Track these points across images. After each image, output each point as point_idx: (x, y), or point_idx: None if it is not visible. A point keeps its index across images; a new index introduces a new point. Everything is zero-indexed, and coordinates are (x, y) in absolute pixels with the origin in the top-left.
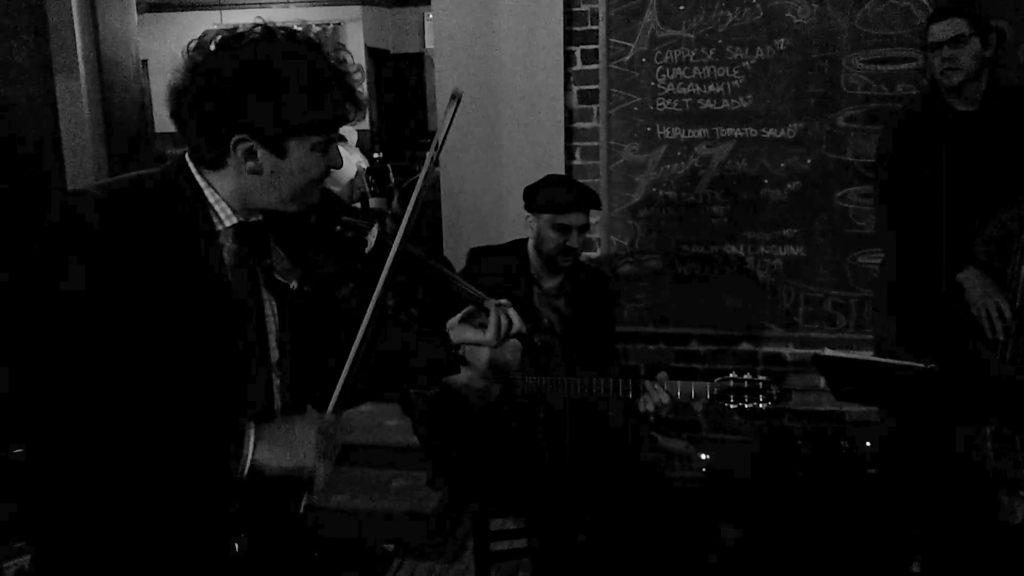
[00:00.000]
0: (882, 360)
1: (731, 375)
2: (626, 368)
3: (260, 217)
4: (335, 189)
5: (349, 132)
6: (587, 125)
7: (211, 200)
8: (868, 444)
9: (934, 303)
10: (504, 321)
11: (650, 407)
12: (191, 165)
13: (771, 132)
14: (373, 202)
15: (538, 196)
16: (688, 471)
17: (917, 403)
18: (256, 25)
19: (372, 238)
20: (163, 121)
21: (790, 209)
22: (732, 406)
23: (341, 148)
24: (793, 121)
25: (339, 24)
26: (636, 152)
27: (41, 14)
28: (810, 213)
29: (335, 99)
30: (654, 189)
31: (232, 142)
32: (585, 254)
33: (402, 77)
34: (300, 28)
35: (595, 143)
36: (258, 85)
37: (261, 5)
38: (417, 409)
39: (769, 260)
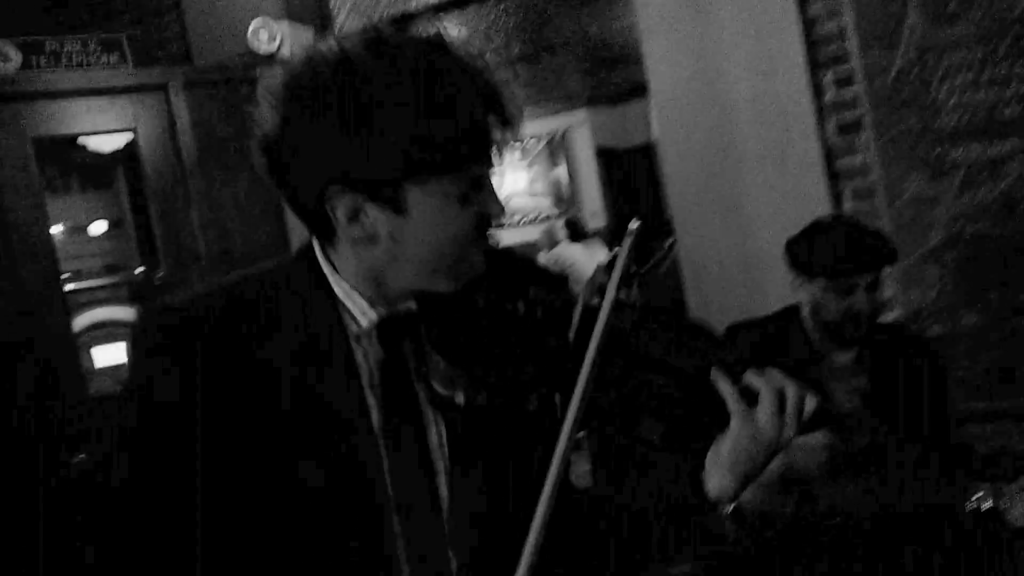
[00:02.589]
0: None
1: None
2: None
3: (412, 306)
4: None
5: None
6: (853, 161)
7: (339, 292)
8: None
9: None
10: (791, 402)
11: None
12: (316, 246)
13: None
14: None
15: (803, 252)
16: None
17: None
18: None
19: (578, 315)
20: None
21: None
22: None
23: (583, 246)
24: None
25: (566, 131)
26: (924, 183)
27: None
28: None
29: (468, 118)
30: (958, 225)
31: (325, 200)
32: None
33: (633, 171)
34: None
35: (867, 180)
36: (340, 109)
37: None
38: None
39: None
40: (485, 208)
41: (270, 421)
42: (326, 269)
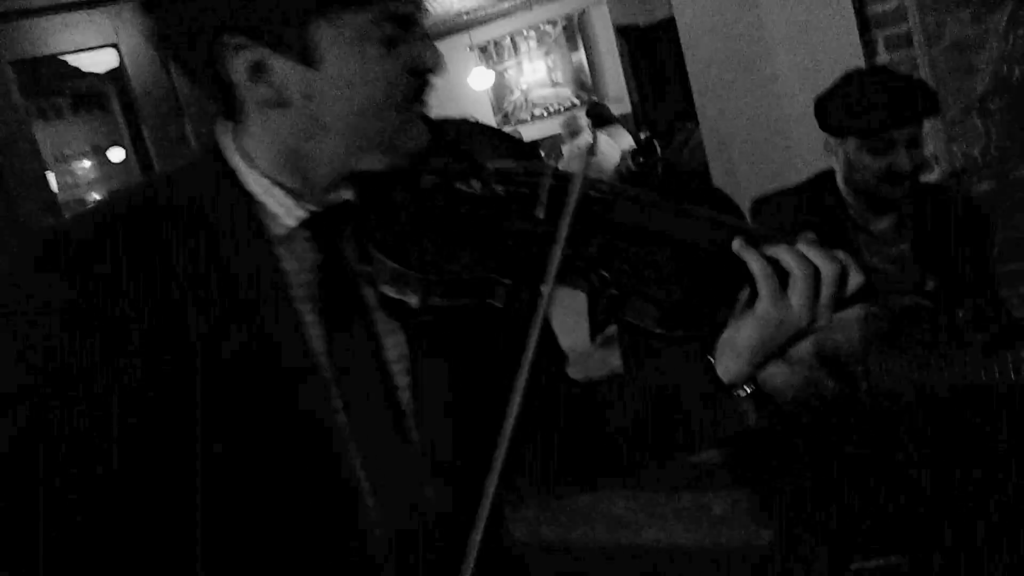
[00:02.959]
0: None
1: None
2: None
3: (348, 194)
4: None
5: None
6: (887, 5)
7: (256, 188)
8: None
9: None
10: (828, 282)
11: None
12: (223, 133)
13: None
14: None
15: (835, 109)
16: None
17: None
18: None
19: (545, 193)
20: None
21: None
22: None
23: (607, 132)
24: None
25: (583, 12)
26: (967, 23)
27: None
28: None
29: None
30: (1006, 68)
31: (220, 56)
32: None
33: (656, 48)
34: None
35: (903, 27)
36: None
37: (505, 15)
38: None
39: None
40: (417, 56)
41: (184, 356)
42: (237, 160)
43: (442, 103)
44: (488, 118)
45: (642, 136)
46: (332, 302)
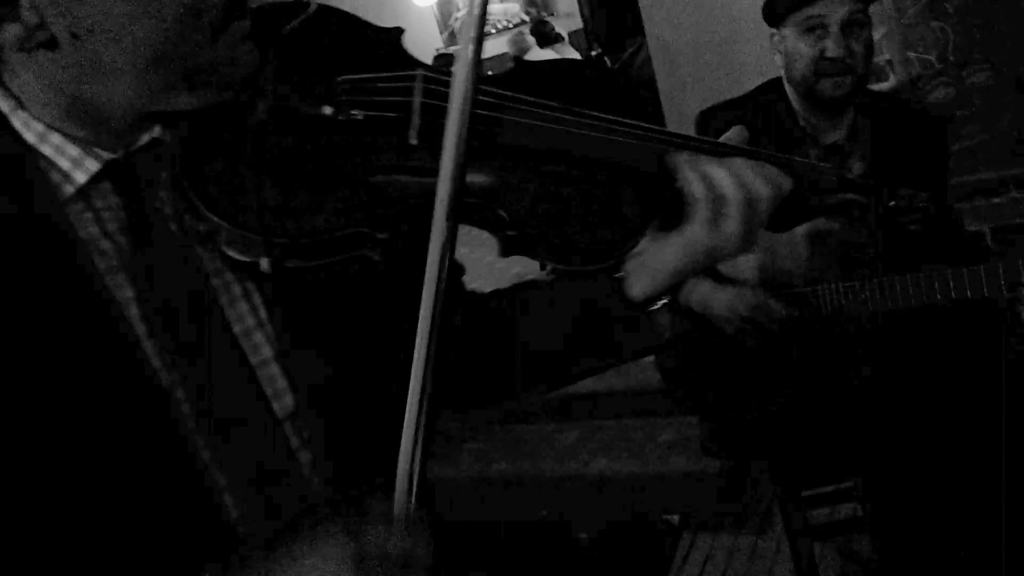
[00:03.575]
0: None
1: None
2: (972, 242)
3: (157, 133)
4: None
5: (562, 30)
6: None
7: (30, 136)
8: None
9: None
10: (733, 188)
11: None
12: None
13: None
14: None
15: None
16: None
17: None
18: None
19: (417, 105)
20: None
21: None
22: None
23: (554, 51)
24: None
25: None
26: None
27: None
28: None
29: None
30: None
31: None
32: (871, 87)
33: None
34: None
35: None
36: None
37: None
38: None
39: None
40: None
41: None
42: (3, 107)
43: (384, 18)
44: (434, 36)
45: (592, 53)
46: (153, 272)
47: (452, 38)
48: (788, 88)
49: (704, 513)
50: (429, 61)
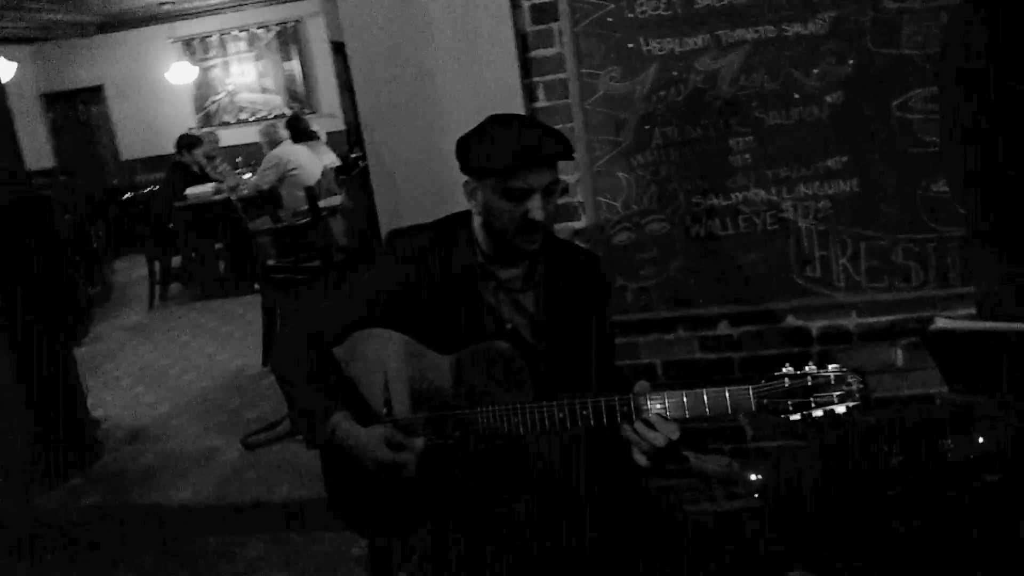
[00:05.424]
0: None
1: (786, 370)
2: (631, 374)
3: None
4: (297, 192)
5: (320, 131)
6: (548, 52)
7: None
8: (983, 440)
9: None
10: None
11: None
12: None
13: (796, 28)
14: (337, 199)
15: (474, 150)
16: (735, 499)
17: None
18: None
19: None
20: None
21: (833, 130)
22: (793, 417)
23: (308, 147)
24: (824, 9)
25: (298, 21)
26: (617, 79)
27: None
28: (861, 132)
29: None
30: (647, 127)
31: None
32: (565, 225)
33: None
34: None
35: (562, 75)
36: None
37: (214, 11)
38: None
39: (814, 203)
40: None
41: None
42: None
43: (140, 96)
44: (188, 116)
45: (353, 156)
46: None
47: (207, 118)
48: (477, 225)
49: None
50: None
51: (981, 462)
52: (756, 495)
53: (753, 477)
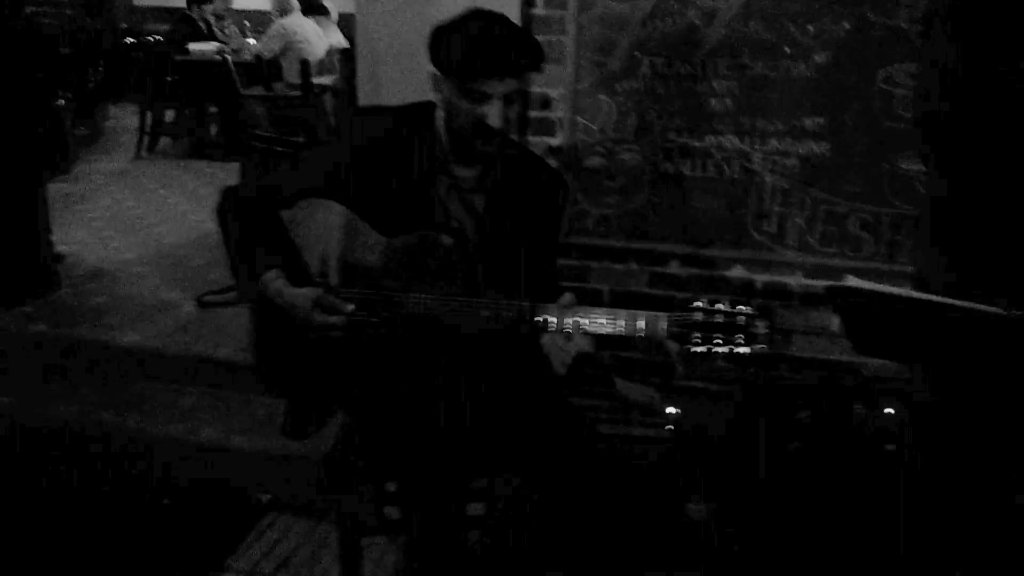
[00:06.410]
0: (938, 299)
1: (698, 304)
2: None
3: None
4: (298, 66)
5: (333, 10)
6: None
7: None
8: (892, 412)
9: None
10: None
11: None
12: None
13: None
14: (327, 79)
15: (441, 45)
16: (650, 428)
17: (983, 363)
18: None
19: None
20: None
21: (816, 90)
22: (697, 348)
23: (316, 22)
24: None
25: None
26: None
27: None
28: (842, 97)
29: None
30: (638, 53)
31: None
32: (541, 139)
33: None
34: None
35: None
36: None
37: None
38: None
39: (783, 159)
40: None
41: None
42: None
43: None
44: None
45: None
46: None
47: None
48: (439, 119)
49: (303, 497)
50: None
51: (884, 433)
52: (670, 428)
53: (670, 410)
